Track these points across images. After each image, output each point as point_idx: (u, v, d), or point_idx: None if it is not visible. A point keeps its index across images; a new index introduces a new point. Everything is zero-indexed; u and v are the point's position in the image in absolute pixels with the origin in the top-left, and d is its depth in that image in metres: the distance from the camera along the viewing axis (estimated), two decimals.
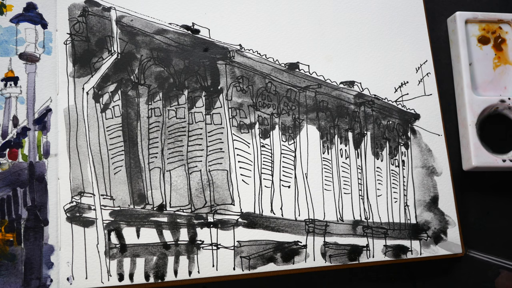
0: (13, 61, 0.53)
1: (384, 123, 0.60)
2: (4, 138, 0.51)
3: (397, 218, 0.57)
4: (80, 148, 0.51)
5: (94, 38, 0.54)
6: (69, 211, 0.50)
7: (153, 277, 0.50)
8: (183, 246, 0.51)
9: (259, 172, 0.55)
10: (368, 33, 0.61)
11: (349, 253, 0.55)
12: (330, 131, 0.58)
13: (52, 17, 0.54)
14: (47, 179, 0.51)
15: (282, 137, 0.56)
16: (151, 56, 0.55)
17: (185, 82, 0.55)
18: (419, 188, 0.58)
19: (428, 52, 0.62)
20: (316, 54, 0.59)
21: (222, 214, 0.53)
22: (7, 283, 0.48)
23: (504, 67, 0.63)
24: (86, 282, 0.49)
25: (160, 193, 0.52)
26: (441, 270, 0.58)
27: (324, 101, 0.58)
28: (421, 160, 0.59)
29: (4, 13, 0.53)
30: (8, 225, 0.49)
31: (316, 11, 0.61)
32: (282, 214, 0.54)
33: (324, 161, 0.57)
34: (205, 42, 0.57)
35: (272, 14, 0.59)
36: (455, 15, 0.64)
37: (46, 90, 0.53)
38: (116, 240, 0.50)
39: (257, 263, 0.52)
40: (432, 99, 0.61)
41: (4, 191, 0.50)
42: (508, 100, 0.61)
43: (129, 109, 0.53)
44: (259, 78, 0.57)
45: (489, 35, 0.64)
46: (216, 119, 0.55)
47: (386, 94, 0.60)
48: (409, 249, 0.56)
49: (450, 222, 0.58)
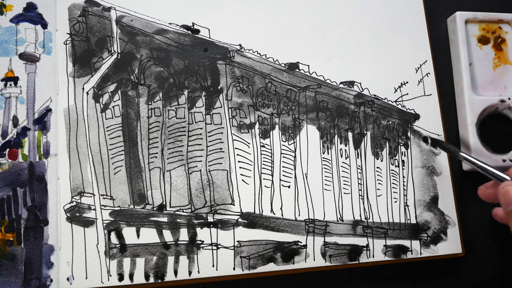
0: (13, 61, 0.53)
1: (384, 123, 0.60)
2: (4, 138, 0.51)
3: (397, 218, 0.57)
4: (80, 148, 0.51)
5: (94, 38, 0.54)
6: (69, 211, 0.50)
7: (153, 277, 0.50)
8: (183, 246, 0.51)
9: (259, 172, 0.55)
10: (368, 33, 0.61)
11: (349, 253, 0.55)
12: (330, 131, 0.58)
13: (52, 17, 0.54)
14: (47, 179, 0.51)
15: (282, 137, 0.56)
16: (151, 56, 0.55)
17: (185, 82, 0.55)
18: (419, 188, 0.58)
19: (428, 52, 0.62)
20: (316, 54, 0.59)
21: (222, 214, 0.53)
22: (7, 283, 0.48)
23: (504, 67, 0.63)
24: (86, 282, 0.49)
25: (160, 193, 0.52)
26: (441, 270, 0.58)
27: (324, 101, 0.58)
28: (421, 160, 0.59)
29: (4, 13, 0.53)
30: (8, 225, 0.49)
31: (316, 11, 0.61)
32: (282, 214, 0.54)
33: (324, 161, 0.57)
34: (205, 42, 0.56)
35: (272, 14, 0.59)
36: (455, 15, 0.64)
37: (46, 90, 0.53)
38: (116, 240, 0.50)
39: (257, 263, 0.52)
40: (432, 99, 0.61)
41: (4, 191, 0.50)
42: (508, 100, 0.61)
43: (129, 109, 0.53)
44: (259, 78, 0.57)
45: (489, 35, 0.64)
46: (216, 119, 0.55)
47: (386, 94, 0.60)
48: (409, 249, 0.56)
49: (450, 222, 0.58)
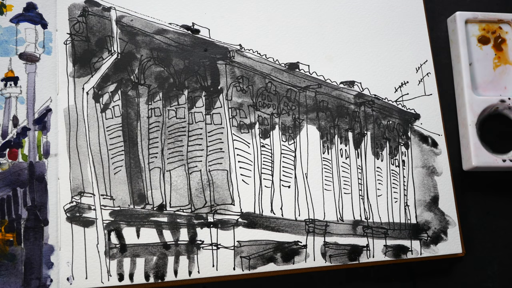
0: (13, 61, 0.53)
1: (384, 123, 0.60)
2: (4, 138, 0.51)
3: (397, 218, 0.57)
4: (80, 148, 0.51)
5: (94, 38, 0.54)
6: (69, 211, 0.50)
7: (153, 277, 0.50)
8: (183, 246, 0.51)
9: (259, 172, 0.55)
10: (368, 33, 0.61)
11: (349, 253, 0.55)
12: (330, 131, 0.58)
13: (52, 17, 0.54)
14: (47, 179, 0.51)
15: (282, 137, 0.56)
16: (151, 56, 0.55)
17: (185, 82, 0.55)
18: (419, 188, 0.58)
19: (428, 52, 0.62)
20: (316, 54, 0.59)
21: (222, 214, 0.53)
22: (7, 283, 0.48)
23: (504, 67, 0.63)
24: (86, 282, 0.49)
25: (160, 193, 0.52)
26: (441, 270, 0.58)
27: (324, 101, 0.58)
28: (421, 160, 0.59)
29: (4, 13, 0.53)
30: (8, 225, 0.49)
31: (316, 11, 0.61)
32: (282, 214, 0.54)
33: (324, 161, 0.57)
34: (205, 42, 0.57)
35: (272, 14, 0.59)
36: (455, 15, 0.64)
37: (46, 90, 0.53)
38: (116, 240, 0.50)
39: (257, 263, 0.52)
40: (432, 99, 0.61)
41: (4, 191, 0.50)
42: (508, 100, 0.61)
43: (129, 109, 0.53)
44: (259, 78, 0.57)
45: (489, 35, 0.64)
46: (216, 119, 0.55)
47: (386, 94, 0.60)
48: (409, 249, 0.56)
49: (450, 222, 0.58)
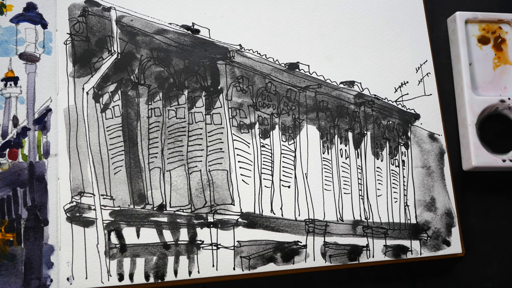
0: (13, 61, 0.53)
1: (384, 123, 0.60)
2: (4, 138, 0.51)
3: (397, 218, 0.57)
4: (80, 148, 0.51)
5: (94, 38, 0.54)
6: (69, 211, 0.50)
7: (153, 277, 0.50)
8: (183, 246, 0.51)
9: (259, 172, 0.55)
10: (368, 33, 0.61)
11: (349, 253, 0.55)
12: (330, 131, 0.58)
13: (52, 17, 0.54)
14: (47, 179, 0.51)
15: (282, 137, 0.56)
16: (151, 56, 0.55)
17: (185, 82, 0.55)
18: (419, 188, 0.58)
19: (428, 52, 0.62)
20: (316, 54, 0.59)
21: (222, 214, 0.53)
22: (7, 283, 0.48)
23: (504, 67, 0.63)
24: (86, 282, 0.49)
25: (160, 193, 0.52)
26: (441, 270, 0.58)
27: (324, 101, 0.58)
28: (421, 160, 0.59)
29: (4, 13, 0.53)
30: (8, 225, 0.49)
31: (316, 11, 0.61)
32: (282, 214, 0.54)
33: (324, 161, 0.57)
34: (205, 42, 0.57)
35: (272, 14, 0.59)
36: (455, 15, 0.64)
37: (46, 90, 0.53)
38: (116, 240, 0.50)
39: (257, 263, 0.52)
40: (432, 99, 0.61)
41: (4, 191, 0.50)
42: (508, 100, 0.61)
43: (129, 109, 0.53)
44: (259, 78, 0.57)
45: (489, 35, 0.64)
46: (216, 119, 0.55)
47: (386, 94, 0.60)
48: (409, 249, 0.56)
49: (450, 222, 0.58)
